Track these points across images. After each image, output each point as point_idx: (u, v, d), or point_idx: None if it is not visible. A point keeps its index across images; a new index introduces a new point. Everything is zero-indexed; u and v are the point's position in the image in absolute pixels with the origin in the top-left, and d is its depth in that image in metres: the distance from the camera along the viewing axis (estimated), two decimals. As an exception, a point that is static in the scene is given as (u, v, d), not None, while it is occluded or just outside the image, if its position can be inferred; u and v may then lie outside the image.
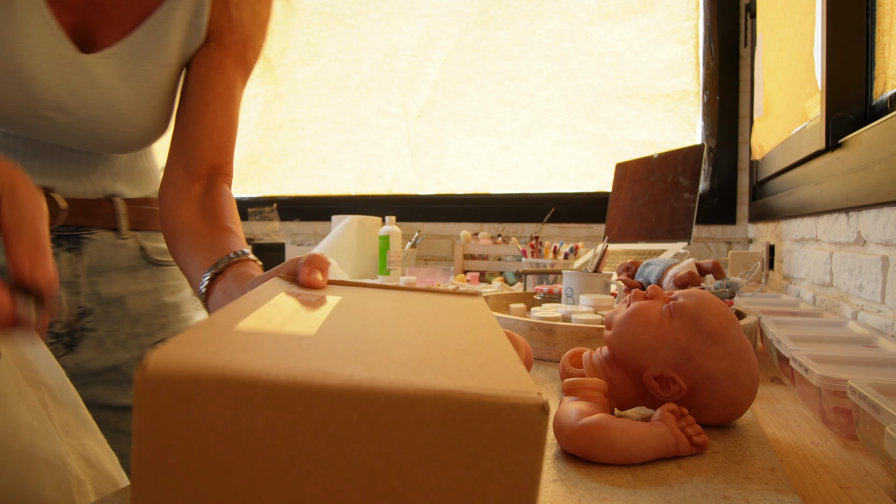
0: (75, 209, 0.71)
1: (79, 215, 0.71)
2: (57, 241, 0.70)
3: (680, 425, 0.45)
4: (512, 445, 0.22)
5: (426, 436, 0.22)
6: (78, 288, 0.73)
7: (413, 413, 0.22)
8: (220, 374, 0.21)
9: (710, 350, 0.49)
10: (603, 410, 0.47)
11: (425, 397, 0.22)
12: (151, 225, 0.79)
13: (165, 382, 0.21)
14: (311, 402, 0.22)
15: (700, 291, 0.53)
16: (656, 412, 0.47)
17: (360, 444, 0.22)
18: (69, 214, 0.70)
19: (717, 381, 0.49)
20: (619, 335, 0.51)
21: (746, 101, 1.96)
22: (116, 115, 0.67)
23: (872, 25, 1.01)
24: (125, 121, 0.68)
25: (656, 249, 1.49)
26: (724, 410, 0.50)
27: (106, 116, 0.66)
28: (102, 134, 0.68)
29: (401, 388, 0.22)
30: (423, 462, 0.22)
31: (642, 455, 0.43)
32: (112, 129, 0.68)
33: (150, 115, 0.70)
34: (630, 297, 0.54)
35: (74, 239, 0.72)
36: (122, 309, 0.76)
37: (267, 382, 0.21)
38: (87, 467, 0.49)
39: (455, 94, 2.37)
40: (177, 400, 0.21)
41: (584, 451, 0.43)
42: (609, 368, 0.52)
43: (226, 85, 0.70)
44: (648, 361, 0.50)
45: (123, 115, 0.67)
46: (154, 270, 0.79)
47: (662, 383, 0.50)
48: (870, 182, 0.87)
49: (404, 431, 0.22)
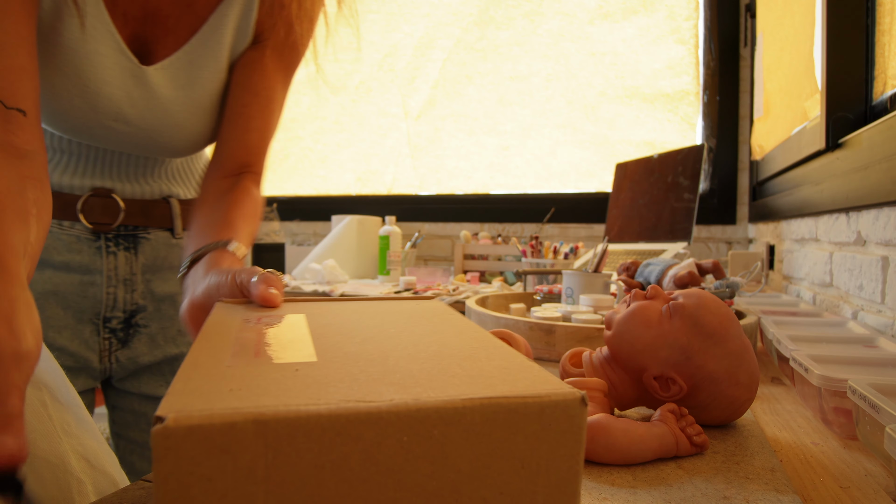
0: (133, 209, 0.74)
1: (136, 215, 0.75)
2: (116, 240, 0.74)
3: (680, 425, 0.45)
4: (557, 441, 0.23)
5: (476, 445, 0.22)
6: (134, 286, 0.76)
7: (463, 425, 0.22)
8: (254, 417, 0.20)
9: (710, 350, 0.49)
10: (603, 410, 0.47)
11: (473, 407, 0.22)
12: None
13: (193, 434, 0.19)
14: (359, 431, 0.21)
15: (700, 291, 0.53)
16: (656, 412, 0.47)
17: (412, 463, 0.21)
18: (126, 214, 0.74)
19: (718, 382, 0.49)
20: (619, 335, 0.51)
21: (746, 101, 1.96)
22: (173, 123, 0.69)
23: (872, 25, 1.01)
24: (181, 128, 0.70)
25: (656, 249, 1.49)
26: (725, 411, 0.50)
27: (163, 125, 0.69)
28: (160, 141, 0.71)
29: (448, 402, 0.22)
30: (474, 471, 0.22)
31: (642, 455, 0.43)
32: (169, 137, 0.71)
33: (204, 122, 0.72)
34: (630, 297, 0.54)
35: (132, 238, 0.75)
36: (174, 306, 0.79)
37: (309, 418, 0.20)
38: (87, 467, 0.49)
39: (455, 94, 2.37)
40: (207, 450, 0.19)
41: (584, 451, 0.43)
42: (609, 368, 0.52)
43: (265, 86, 0.71)
44: (648, 361, 0.50)
45: (179, 123, 0.70)
46: None
47: (662, 383, 0.50)
48: (870, 182, 0.87)
49: (455, 444, 0.22)
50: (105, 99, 0.64)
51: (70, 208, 0.71)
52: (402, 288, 1.67)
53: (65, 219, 0.71)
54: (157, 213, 0.77)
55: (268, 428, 0.20)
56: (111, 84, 0.64)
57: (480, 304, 0.99)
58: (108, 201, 0.73)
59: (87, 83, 0.63)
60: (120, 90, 0.65)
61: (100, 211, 0.72)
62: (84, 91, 0.63)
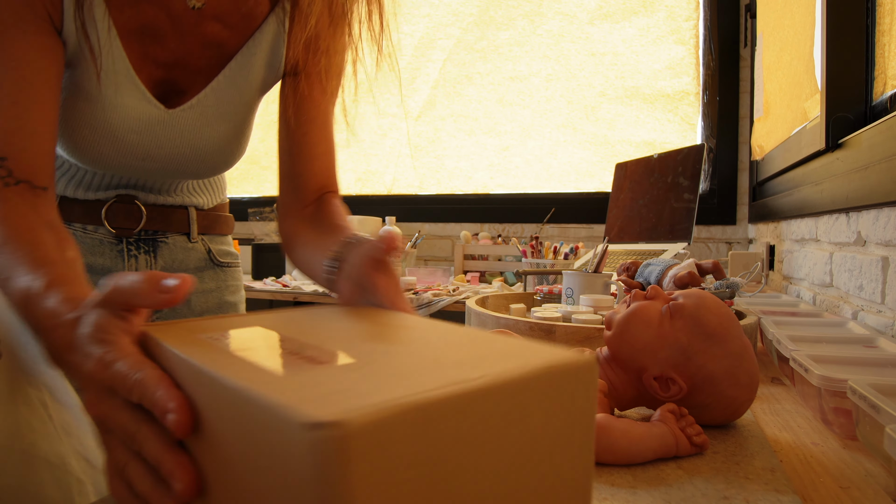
0: (153, 215, 0.77)
1: (157, 220, 0.77)
2: (136, 244, 0.77)
3: (680, 425, 0.45)
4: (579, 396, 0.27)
5: (543, 404, 0.26)
6: None
7: (532, 391, 0.26)
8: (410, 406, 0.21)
9: (710, 350, 0.49)
10: (602, 411, 0.47)
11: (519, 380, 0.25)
12: (217, 229, 0.85)
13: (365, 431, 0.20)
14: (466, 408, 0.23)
15: (700, 292, 0.53)
16: (656, 412, 0.47)
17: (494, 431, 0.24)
18: (147, 220, 0.76)
19: (718, 382, 0.49)
20: (619, 335, 0.51)
21: (746, 101, 1.96)
22: (200, 156, 0.72)
23: (872, 25, 1.01)
24: (208, 159, 0.73)
25: (656, 250, 1.49)
26: (725, 411, 0.50)
27: (190, 158, 0.72)
28: (186, 171, 0.74)
29: (501, 378, 0.25)
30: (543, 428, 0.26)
31: (642, 455, 0.43)
32: (195, 168, 0.74)
33: (231, 151, 0.76)
34: (630, 297, 0.54)
35: (152, 243, 0.78)
36: (188, 307, 0.81)
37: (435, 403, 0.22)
38: (88, 467, 0.49)
39: (455, 94, 2.37)
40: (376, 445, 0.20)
41: None
42: (609, 368, 0.52)
43: (318, 112, 0.73)
44: (648, 361, 0.50)
45: (206, 155, 0.72)
46: (217, 271, 0.85)
47: (662, 383, 0.50)
48: (870, 182, 0.87)
49: (530, 408, 0.26)
50: (133, 145, 0.68)
51: (95, 213, 0.73)
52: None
53: (89, 223, 0.74)
54: (175, 218, 0.79)
55: (427, 413, 0.22)
56: (138, 132, 0.67)
57: (480, 304, 0.99)
58: (131, 207, 0.75)
59: (114, 133, 0.66)
60: (147, 136, 0.68)
61: (123, 216, 0.75)
62: (112, 140, 0.66)
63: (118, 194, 0.75)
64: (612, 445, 0.42)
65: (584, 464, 0.29)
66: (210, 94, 0.69)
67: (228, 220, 0.88)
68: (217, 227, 0.85)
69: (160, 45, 0.65)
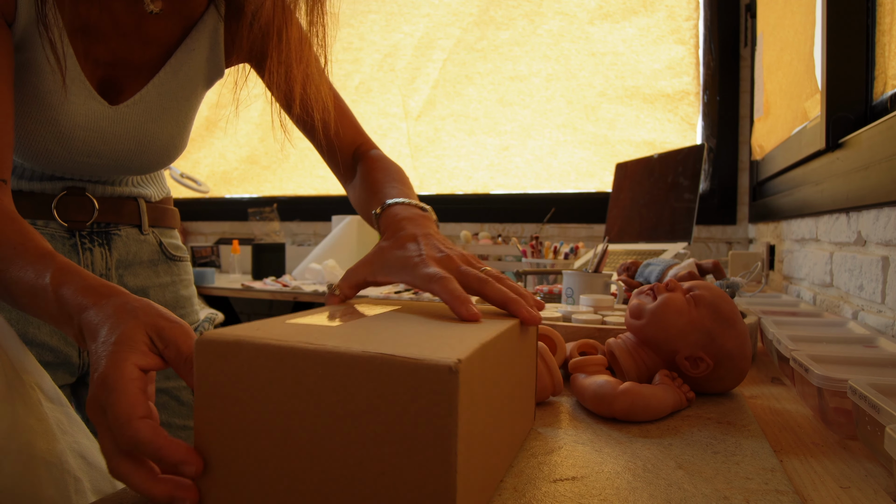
0: (104, 207, 0.76)
1: (108, 213, 0.77)
2: (90, 237, 0.76)
3: (676, 384, 0.57)
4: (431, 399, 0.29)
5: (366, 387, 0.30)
6: (109, 280, 0.76)
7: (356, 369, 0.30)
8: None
9: (727, 332, 0.59)
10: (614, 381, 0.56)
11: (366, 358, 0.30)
12: (166, 222, 0.85)
13: (213, 344, 0.33)
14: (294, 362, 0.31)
15: (708, 283, 0.62)
16: (656, 377, 0.58)
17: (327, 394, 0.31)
18: (99, 213, 0.76)
19: (733, 357, 0.59)
20: (655, 323, 0.59)
21: (746, 101, 1.96)
22: (145, 151, 0.72)
23: (872, 25, 1.01)
24: (153, 154, 0.74)
25: (656, 249, 1.49)
26: (735, 380, 0.61)
27: (135, 153, 0.72)
28: (131, 167, 0.74)
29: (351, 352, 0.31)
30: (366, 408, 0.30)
31: (665, 411, 0.53)
32: (140, 162, 0.74)
33: (175, 145, 0.76)
34: (653, 289, 0.62)
35: (106, 235, 0.77)
36: None
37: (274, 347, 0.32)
38: (84, 465, 0.49)
39: (455, 94, 2.37)
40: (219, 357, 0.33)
41: (627, 412, 0.52)
42: (635, 352, 0.61)
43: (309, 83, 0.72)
44: (681, 344, 0.58)
45: (152, 150, 0.73)
46: (170, 265, 0.85)
47: (692, 362, 0.59)
48: (870, 182, 0.86)
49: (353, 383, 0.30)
50: (79, 141, 0.67)
51: (44, 207, 0.72)
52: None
53: (39, 218, 0.72)
54: (126, 210, 0.79)
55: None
56: (84, 128, 0.67)
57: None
58: (82, 199, 0.74)
59: (60, 129, 0.66)
60: (93, 132, 0.68)
61: (74, 209, 0.74)
62: (58, 136, 0.66)
63: (66, 186, 0.73)
64: (647, 406, 0.52)
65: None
66: (152, 89, 0.70)
67: (175, 214, 0.88)
68: (165, 219, 0.85)
69: (102, 44, 0.65)
